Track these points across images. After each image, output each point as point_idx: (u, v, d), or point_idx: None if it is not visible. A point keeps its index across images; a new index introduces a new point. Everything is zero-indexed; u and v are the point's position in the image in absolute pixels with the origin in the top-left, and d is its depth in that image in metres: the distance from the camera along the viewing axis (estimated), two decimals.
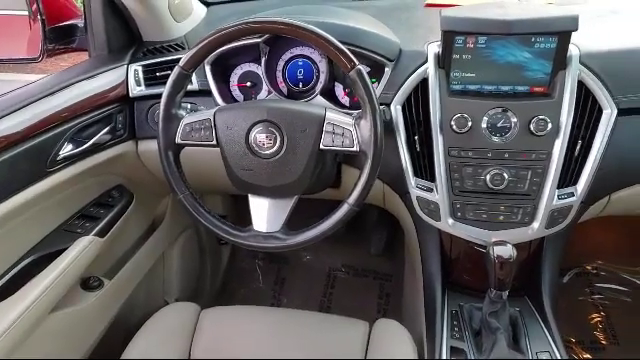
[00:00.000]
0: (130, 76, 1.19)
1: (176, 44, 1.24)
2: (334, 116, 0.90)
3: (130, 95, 1.19)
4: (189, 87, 1.13)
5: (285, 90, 1.16)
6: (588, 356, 1.59)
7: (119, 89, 1.17)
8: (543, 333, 1.02)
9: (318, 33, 0.85)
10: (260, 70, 1.14)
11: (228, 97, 1.18)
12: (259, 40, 1.08)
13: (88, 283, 1.19)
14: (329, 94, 1.14)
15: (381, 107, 1.00)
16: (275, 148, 0.90)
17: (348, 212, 0.90)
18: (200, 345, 1.04)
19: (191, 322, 1.09)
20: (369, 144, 0.87)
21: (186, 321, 1.09)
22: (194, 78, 1.15)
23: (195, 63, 0.91)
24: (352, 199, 0.89)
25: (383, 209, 1.36)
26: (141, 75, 1.19)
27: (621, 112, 0.99)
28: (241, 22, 0.88)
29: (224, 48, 1.10)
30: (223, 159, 0.94)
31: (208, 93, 1.15)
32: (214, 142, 0.93)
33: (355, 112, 0.91)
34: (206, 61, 1.13)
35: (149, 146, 1.22)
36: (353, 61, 0.85)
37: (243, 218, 0.97)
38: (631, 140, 1.00)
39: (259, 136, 0.90)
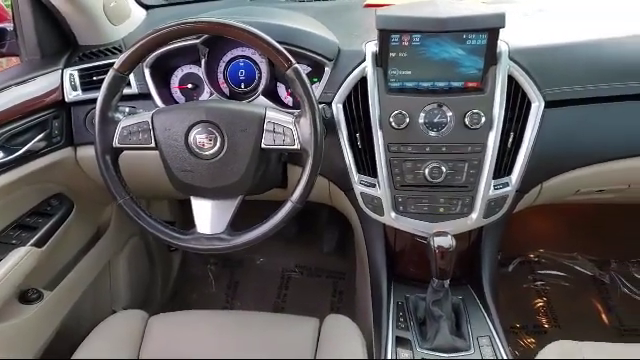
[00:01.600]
0: (65, 81, 1.15)
1: (114, 47, 1.22)
2: (274, 115, 0.90)
3: (66, 100, 1.15)
4: (129, 91, 1.12)
5: (227, 91, 1.16)
6: (532, 340, 1.66)
7: (54, 94, 1.14)
8: (484, 319, 1.06)
9: (254, 32, 0.85)
10: (201, 72, 1.14)
11: (169, 100, 1.16)
12: (197, 41, 1.08)
13: (26, 296, 1.14)
14: (272, 94, 1.15)
15: (321, 105, 1.02)
16: (215, 149, 0.90)
17: (291, 210, 0.91)
18: (148, 351, 1.02)
19: (139, 329, 1.06)
20: (310, 142, 0.88)
21: (133, 328, 1.07)
22: (133, 82, 1.13)
23: (130, 65, 0.89)
24: (295, 197, 0.90)
25: (334, 208, 1.38)
26: (77, 80, 1.16)
27: (548, 104, 1.04)
28: (176, 23, 0.87)
29: (163, 50, 1.09)
30: (163, 162, 0.93)
31: (148, 96, 1.13)
32: (153, 145, 0.91)
33: (296, 111, 0.92)
34: (145, 64, 1.12)
35: (88, 152, 1.18)
36: (290, 60, 0.86)
37: (191, 223, 0.96)
38: (558, 130, 1.05)
39: (199, 137, 0.89)
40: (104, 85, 0.89)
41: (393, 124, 1.03)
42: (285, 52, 0.86)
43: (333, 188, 1.17)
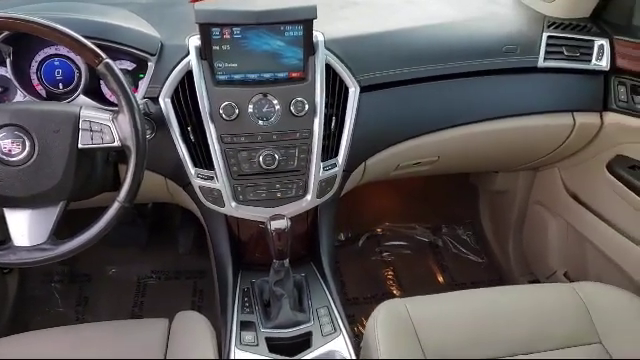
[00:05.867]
0: None
1: None
2: (90, 113, 0.87)
3: None
4: None
5: (43, 92, 1.08)
6: None
7: None
8: (323, 291, 1.14)
9: (54, 27, 0.81)
10: (9, 73, 1.04)
11: None
12: None
13: None
14: (95, 93, 1.10)
15: (144, 100, 1.01)
16: (25, 154, 0.84)
17: (119, 210, 0.88)
18: None
19: None
20: (130, 137, 0.86)
21: None
22: None
23: None
24: (122, 196, 0.88)
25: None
26: None
27: (363, 89, 1.14)
28: None
29: None
30: None
31: None
32: None
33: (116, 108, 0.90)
34: None
35: None
36: (100, 55, 0.84)
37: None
38: (374, 111, 1.16)
39: (3, 142, 0.83)
40: None
41: (223, 116, 1.05)
42: (93, 47, 0.83)
43: (171, 184, 1.16)
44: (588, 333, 1.01)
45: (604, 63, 1.25)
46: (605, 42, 1.25)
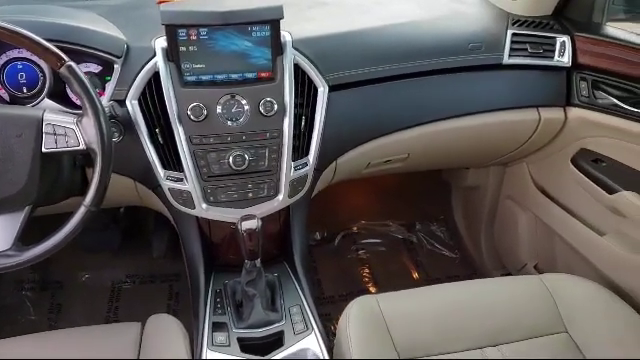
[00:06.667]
0: None
1: None
2: (53, 117, 0.86)
3: None
4: None
5: (7, 97, 1.06)
6: None
7: None
8: (296, 290, 1.15)
9: (13, 30, 0.80)
10: None
11: None
12: None
13: None
14: (61, 96, 1.08)
15: (110, 103, 1.00)
16: None
17: (85, 214, 0.87)
18: None
19: None
20: (96, 140, 0.85)
21: None
22: None
23: None
24: (88, 200, 0.87)
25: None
26: None
27: (332, 88, 1.14)
28: None
29: None
30: None
31: None
32: None
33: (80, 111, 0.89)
34: None
35: None
36: (62, 58, 0.83)
37: None
38: (343, 110, 1.17)
39: None
40: None
41: (192, 117, 1.05)
42: (55, 50, 0.82)
43: (140, 187, 1.15)
44: (555, 323, 1.04)
45: (566, 59, 1.28)
46: (567, 39, 1.29)
